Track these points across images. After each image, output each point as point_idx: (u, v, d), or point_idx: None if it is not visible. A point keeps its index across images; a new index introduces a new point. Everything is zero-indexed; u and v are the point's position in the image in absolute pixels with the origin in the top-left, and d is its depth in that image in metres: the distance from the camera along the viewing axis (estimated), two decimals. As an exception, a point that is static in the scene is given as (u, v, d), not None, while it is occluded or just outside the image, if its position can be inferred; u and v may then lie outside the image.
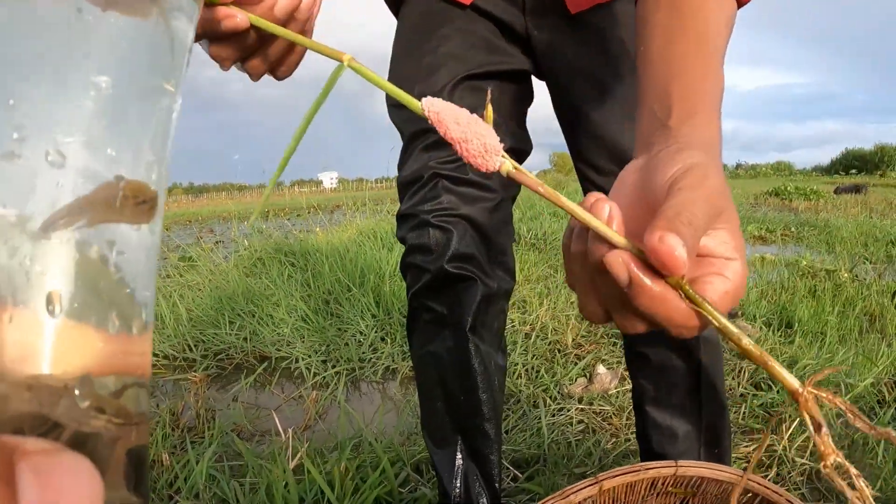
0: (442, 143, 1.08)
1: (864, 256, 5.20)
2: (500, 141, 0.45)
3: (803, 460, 1.67)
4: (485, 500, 1.19)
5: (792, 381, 0.42)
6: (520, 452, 1.77)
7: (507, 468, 1.70)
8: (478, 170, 0.45)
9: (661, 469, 0.99)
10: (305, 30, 0.64)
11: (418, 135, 1.11)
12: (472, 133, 0.43)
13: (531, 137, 1.22)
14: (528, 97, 1.20)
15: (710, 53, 0.61)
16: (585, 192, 1.18)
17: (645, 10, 0.68)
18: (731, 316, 2.98)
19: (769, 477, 1.62)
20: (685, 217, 0.41)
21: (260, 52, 0.63)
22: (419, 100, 0.45)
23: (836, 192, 16.35)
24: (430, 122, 0.44)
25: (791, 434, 1.78)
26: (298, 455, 1.64)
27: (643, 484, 1.00)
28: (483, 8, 1.09)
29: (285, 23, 0.60)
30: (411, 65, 1.11)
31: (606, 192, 1.17)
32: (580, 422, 1.97)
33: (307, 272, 3.80)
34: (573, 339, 2.72)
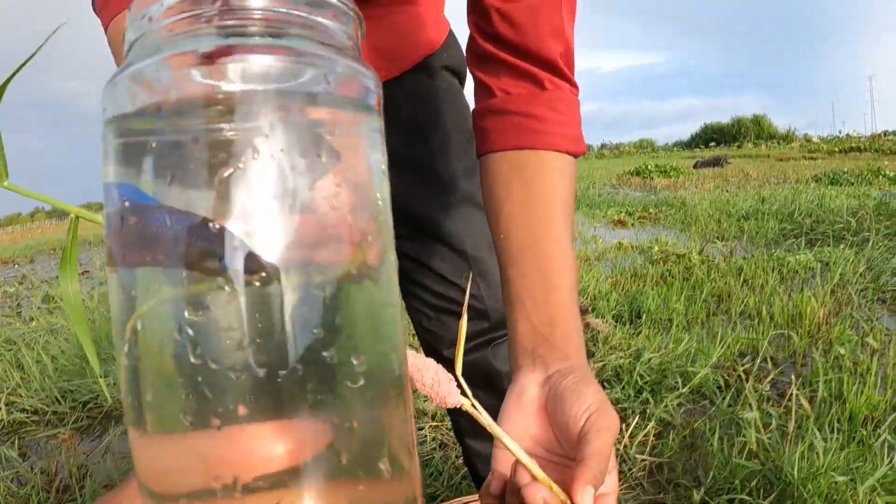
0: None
1: (717, 234, 5.43)
2: None
3: (643, 456, 1.79)
4: None
5: None
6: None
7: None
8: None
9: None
10: None
11: None
12: (433, 391, 0.51)
13: None
14: None
15: (567, 245, 0.72)
16: None
17: (497, 194, 0.75)
18: (583, 312, 3.07)
19: (613, 476, 1.72)
20: (602, 467, 0.53)
21: None
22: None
23: (695, 166, 16.72)
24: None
25: (632, 432, 1.89)
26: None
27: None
28: None
29: None
30: None
31: (405, 256, 1.15)
32: (433, 439, 2.01)
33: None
34: (426, 356, 2.75)
